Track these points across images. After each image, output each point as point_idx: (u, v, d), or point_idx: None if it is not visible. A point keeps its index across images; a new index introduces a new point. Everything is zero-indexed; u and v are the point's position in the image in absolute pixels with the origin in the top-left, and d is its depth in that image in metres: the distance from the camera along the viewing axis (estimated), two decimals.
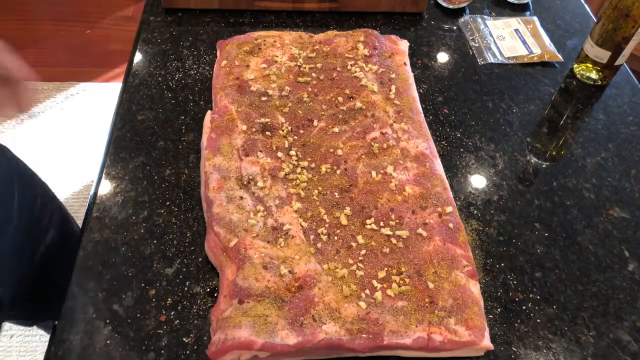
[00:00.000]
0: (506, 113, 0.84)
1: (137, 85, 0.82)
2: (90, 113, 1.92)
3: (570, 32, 0.99)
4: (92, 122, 1.89)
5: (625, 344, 0.60)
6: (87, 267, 0.62)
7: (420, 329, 0.55)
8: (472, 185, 0.74)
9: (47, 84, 2.00)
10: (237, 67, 0.79)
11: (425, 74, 0.89)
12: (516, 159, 0.78)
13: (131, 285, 0.61)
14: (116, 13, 2.32)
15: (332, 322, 0.55)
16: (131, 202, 0.68)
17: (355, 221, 0.64)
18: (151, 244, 0.65)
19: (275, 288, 0.56)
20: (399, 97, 0.77)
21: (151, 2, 0.96)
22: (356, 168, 0.69)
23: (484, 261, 0.66)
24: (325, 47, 0.83)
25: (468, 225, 0.69)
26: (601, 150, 0.80)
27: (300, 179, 0.67)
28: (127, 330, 0.57)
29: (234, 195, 0.64)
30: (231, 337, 0.52)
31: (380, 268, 0.60)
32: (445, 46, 0.94)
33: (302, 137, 0.72)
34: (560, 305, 0.63)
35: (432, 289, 0.58)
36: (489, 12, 1.01)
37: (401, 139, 0.72)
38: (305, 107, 0.75)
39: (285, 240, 0.61)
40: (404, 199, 0.66)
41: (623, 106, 0.87)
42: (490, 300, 0.62)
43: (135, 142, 0.75)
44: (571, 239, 0.69)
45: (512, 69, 0.91)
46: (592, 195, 0.74)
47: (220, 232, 0.61)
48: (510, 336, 0.60)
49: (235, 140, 0.70)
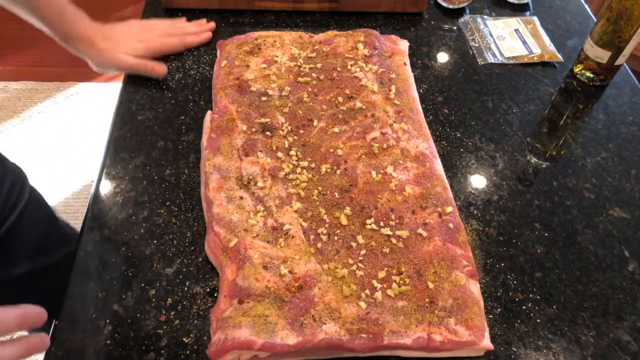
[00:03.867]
0: (506, 113, 0.84)
1: (137, 85, 0.82)
2: (90, 113, 1.92)
3: (570, 32, 0.99)
4: (92, 122, 1.89)
5: (625, 344, 0.60)
6: (87, 267, 0.62)
7: (420, 329, 0.55)
8: (472, 185, 0.74)
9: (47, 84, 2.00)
10: (237, 67, 0.79)
11: (425, 74, 0.89)
12: (516, 159, 0.78)
13: (131, 285, 0.61)
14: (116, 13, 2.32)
15: (332, 322, 0.55)
16: (131, 202, 0.68)
17: (355, 221, 0.64)
18: (151, 244, 0.64)
19: (275, 288, 0.56)
20: (399, 97, 0.77)
21: (151, 2, 0.96)
22: (356, 168, 0.69)
23: (484, 261, 0.66)
24: (325, 47, 0.83)
25: (468, 225, 0.69)
26: (601, 150, 0.80)
27: (300, 179, 0.67)
28: (127, 330, 0.57)
29: (234, 195, 0.64)
30: (231, 337, 0.52)
31: (380, 268, 0.60)
32: (445, 46, 0.94)
33: (302, 137, 0.72)
34: (560, 305, 0.63)
35: (432, 289, 0.58)
36: (489, 12, 1.01)
37: (401, 139, 0.72)
38: (305, 107, 0.75)
39: (285, 240, 0.61)
40: (404, 199, 0.66)
41: (623, 106, 0.87)
42: (490, 300, 0.62)
43: (135, 142, 0.75)
44: (571, 239, 0.69)
45: (512, 69, 0.91)
46: (592, 195, 0.74)
47: (220, 232, 0.61)
48: (510, 336, 0.60)
49: (235, 140, 0.70)
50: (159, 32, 0.84)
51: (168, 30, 0.85)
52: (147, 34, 0.82)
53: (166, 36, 0.84)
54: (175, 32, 0.85)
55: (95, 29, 0.77)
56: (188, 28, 0.87)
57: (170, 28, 0.85)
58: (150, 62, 0.80)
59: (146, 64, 0.80)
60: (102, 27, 0.79)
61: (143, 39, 0.81)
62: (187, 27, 0.87)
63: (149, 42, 0.82)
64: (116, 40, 0.79)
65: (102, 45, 0.77)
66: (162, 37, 0.84)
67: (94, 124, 1.88)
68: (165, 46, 0.84)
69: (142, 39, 0.81)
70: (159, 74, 0.81)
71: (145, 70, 0.80)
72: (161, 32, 0.84)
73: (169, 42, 0.84)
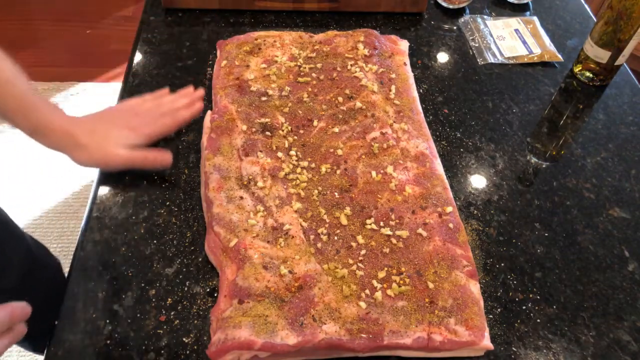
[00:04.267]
0: (506, 113, 0.84)
1: (137, 85, 0.82)
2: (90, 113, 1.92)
3: (570, 32, 0.99)
4: None
5: (625, 344, 0.60)
6: (87, 267, 0.62)
7: (420, 329, 0.55)
8: (472, 185, 0.74)
9: (47, 84, 1.99)
10: (237, 67, 0.79)
11: (425, 74, 0.89)
12: (516, 159, 0.78)
13: (131, 285, 0.61)
14: (116, 13, 2.32)
15: (332, 322, 0.55)
16: (131, 202, 0.68)
17: (355, 221, 0.64)
18: (151, 244, 0.64)
19: (275, 288, 0.56)
20: (399, 97, 0.77)
21: (151, 2, 0.96)
22: (356, 168, 0.69)
23: (484, 261, 0.66)
24: (325, 47, 0.83)
25: (468, 225, 0.69)
26: (601, 150, 0.80)
27: (300, 179, 0.67)
28: (127, 330, 0.57)
29: (234, 195, 0.64)
30: (231, 337, 0.52)
31: (380, 268, 0.60)
32: (445, 46, 0.94)
33: (302, 137, 0.72)
34: (560, 305, 0.63)
35: (432, 289, 0.58)
36: (489, 12, 1.01)
37: (401, 139, 0.72)
38: (305, 107, 0.75)
39: (285, 240, 0.61)
40: (404, 199, 0.66)
41: (623, 106, 0.87)
42: (490, 300, 0.62)
43: None
44: (571, 239, 0.69)
45: (512, 69, 0.91)
46: (592, 195, 0.74)
47: (220, 232, 0.61)
48: (510, 336, 0.60)
49: (235, 140, 0.70)
50: (148, 115, 0.72)
51: (157, 111, 0.73)
52: (136, 119, 0.71)
53: (158, 118, 0.72)
54: (165, 110, 0.73)
55: (74, 121, 0.67)
56: (177, 102, 0.75)
57: (158, 107, 0.73)
58: (151, 153, 0.69)
59: (146, 156, 0.68)
60: (81, 120, 0.68)
61: (133, 126, 0.69)
62: (175, 101, 0.75)
63: (141, 128, 0.70)
64: (104, 133, 0.67)
65: (86, 140, 0.66)
66: (154, 120, 0.72)
67: None
68: (159, 129, 0.71)
69: (132, 126, 0.69)
70: (164, 164, 0.70)
71: (146, 163, 0.68)
72: (150, 114, 0.72)
73: (162, 123, 0.72)
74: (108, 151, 0.66)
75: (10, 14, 2.28)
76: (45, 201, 1.66)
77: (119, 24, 2.28)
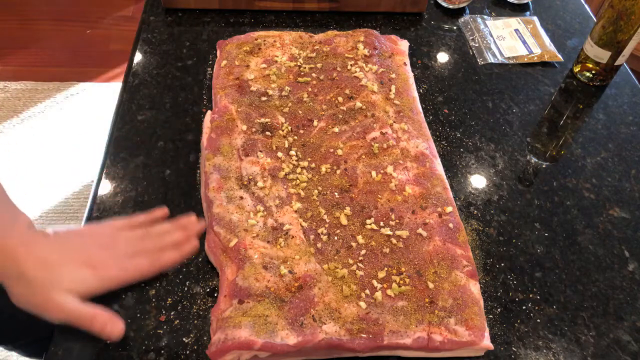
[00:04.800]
0: (506, 113, 0.84)
1: (137, 85, 0.82)
2: (90, 113, 1.92)
3: (570, 32, 0.99)
4: (92, 122, 1.89)
5: (625, 344, 0.60)
6: None
7: (420, 329, 0.55)
8: (472, 185, 0.74)
9: (47, 84, 2.00)
10: (237, 67, 0.79)
11: (425, 74, 0.89)
12: (516, 159, 0.78)
13: (131, 285, 0.61)
14: (116, 13, 2.32)
15: (332, 322, 0.55)
16: (131, 202, 0.68)
17: (355, 221, 0.64)
18: None
19: (275, 288, 0.56)
20: (399, 97, 0.77)
21: (151, 2, 0.96)
22: (356, 168, 0.69)
23: (484, 261, 0.66)
24: (325, 47, 0.83)
25: (468, 225, 0.69)
26: (601, 150, 0.80)
27: (300, 179, 0.67)
28: (127, 331, 0.57)
29: (234, 195, 0.64)
30: (231, 337, 0.52)
31: (380, 268, 0.60)
32: (445, 46, 0.94)
33: (302, 137, 0.72)
34: (560, 305, 0.63)
35: (432, 289, 0.58)
36: (489, 12, 1.01)
37: (401, 139, 0.72)
38: (305, 107, 0.75)
39: (285, 240, 0.61)
40: (404, 199, 0.66)
41: (623, 106, 0.87)
42: (490, 300, 0.63)
43: (135, 142, 0.75)
44: (571, 239, 0.69)
45: (512, 69, 0.91)
46: (592, 195, 0.74)
47: (220, 232, 0.61)
48: (510, 336, 0.60)
49: (235, 140, 0.70)
50: (124, 249, 0.58)
51: (137, 245, 0.59)
52: (103, 253, 0.56)
53: (132, 256, 0.57)
54: (148, 246, 0.59)
55: (25, 241, 0.52)
56: (168, 237, 0.60)
57: (141, 240, 0.59)
58: (102, 316, 0.53)
59: (93, 317, 0.52)
60: (37, 240, 0.53)
61: (96, 262, 0.55)
62: (166, 235, 0.60)
63: (105, 268, 0.55)
64: (57, 269, 0.52)
65: (33, 274, 0.50)
66: (127, 258, 0.57)
67: (94, 124, 1.88)
68: (127, 274, 0.56)
69: (95, 263, 0.55)
70: (110, 336, 0.53)
71: (89, 326, 0.52)
72: (127, 248, 0.58)
73: (135, 265, 0.57)
74: (50, 297, 0.51)
75: (10, 14, 2.28)
76: (45, 201, 1.66)
77: (119, 24, 2.28)
